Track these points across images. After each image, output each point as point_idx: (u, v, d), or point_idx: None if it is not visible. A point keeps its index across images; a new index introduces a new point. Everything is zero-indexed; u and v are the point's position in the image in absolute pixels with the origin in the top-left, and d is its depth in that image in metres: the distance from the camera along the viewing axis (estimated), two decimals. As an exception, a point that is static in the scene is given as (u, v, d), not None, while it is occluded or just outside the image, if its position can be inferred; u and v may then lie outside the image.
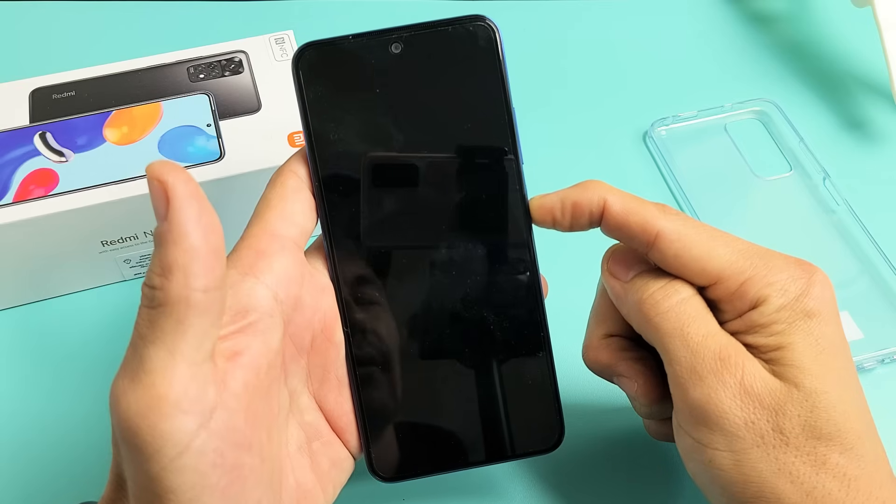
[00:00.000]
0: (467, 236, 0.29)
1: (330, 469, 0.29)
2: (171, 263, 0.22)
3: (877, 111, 0.49)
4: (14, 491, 0.35)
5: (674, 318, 0.27)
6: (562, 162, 0.46)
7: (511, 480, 0.35)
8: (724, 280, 0.27)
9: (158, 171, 0.22)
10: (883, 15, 0.46)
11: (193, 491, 0.22)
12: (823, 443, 0.26)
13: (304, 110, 0.28)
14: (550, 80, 0.50)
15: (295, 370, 0.28)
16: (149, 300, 0.23)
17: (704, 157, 0.46)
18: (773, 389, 0.26)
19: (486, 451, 0.30)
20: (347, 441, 0.29)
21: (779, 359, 0.27)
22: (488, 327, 0.29)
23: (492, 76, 0.28)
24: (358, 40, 0.28)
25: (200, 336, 0.22)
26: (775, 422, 0.26)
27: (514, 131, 0.29)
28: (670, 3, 0.55)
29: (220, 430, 0.23)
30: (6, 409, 0.37)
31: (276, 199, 0.28)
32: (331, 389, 0.29)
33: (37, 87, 0.41)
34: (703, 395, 0.26)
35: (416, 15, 0.29)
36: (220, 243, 0.23)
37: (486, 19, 0.28)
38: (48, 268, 0.39)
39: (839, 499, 0.25)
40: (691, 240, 0.27)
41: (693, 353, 0.27)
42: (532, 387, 0.30)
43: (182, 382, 0.22)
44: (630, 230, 0.28)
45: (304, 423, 0.28)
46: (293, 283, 0.27)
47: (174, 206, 0.22)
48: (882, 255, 0.41)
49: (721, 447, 0.26)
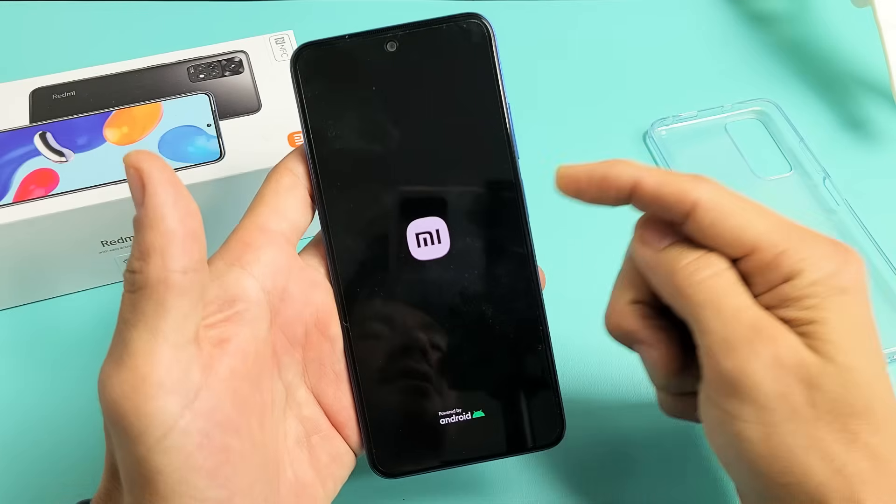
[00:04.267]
0: (465, 231, 0.29)
1: (329, 464, 0.29)
2: (149, 246, 0.23)
3: (877, 111, 0.49)
4: (14, 490, 0.35)
5: (707, 290, 0.27)
6: (562, 161, 0.46)
7: (512, 476, 0.35)
8: (759, 251, 0.27)
9: (135, 159, 0.23)
10: (883, 15, 0.46)
11: (180, 472, 0.22)
12: (855, 420, 0.25)
13: (303, 109, 0.29)
14: (550, 80, 0.50)
15: (289, 363, 0.28)
16: (130, 284, 0.23)
17: (704, 157, 0.46)
18: (808, 363, 0.25)
19: (488, 446, 0.30)
20: (348, 436, 0.29)
21: (813, 332, 0.26)
22: (487, 322, 0.29)
23: (486, 72, 0.29)
24: (354, 40, 0.29)
25: (181, 317, 0.23)
26: (808, 395, 0.25)
27: (510, 126, 0.29)
28: (670, 3, 0.55)
29: (205, 411, 0.23)
30: (6, 409, 0.37)
31: (270, 194, 0.28)
32: (329, 384, 0.29)
33: (37, 87, 0.41)
34: (736, 365, 0.26)
35: (415, 14, 0.29)
36: (197, 227, 0.24)
37: (480, 17, 0.29)
38: (48, 268, 0.39)
39: (869, 479, 0.25)
40: (728, 209, 0.27)
41: (726, 324, 0.26)
42: (533, 382, 0.30)
43: (165, 363, 0.22)
44: (666, 202, 0.27)
45: (303, 417, 0.29)
46: (280, 274, 0.27)
47: (149, 191, 0.23)
48: (882, 255, 0.41)
49: (751, 419, 0.25)
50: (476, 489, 0.35)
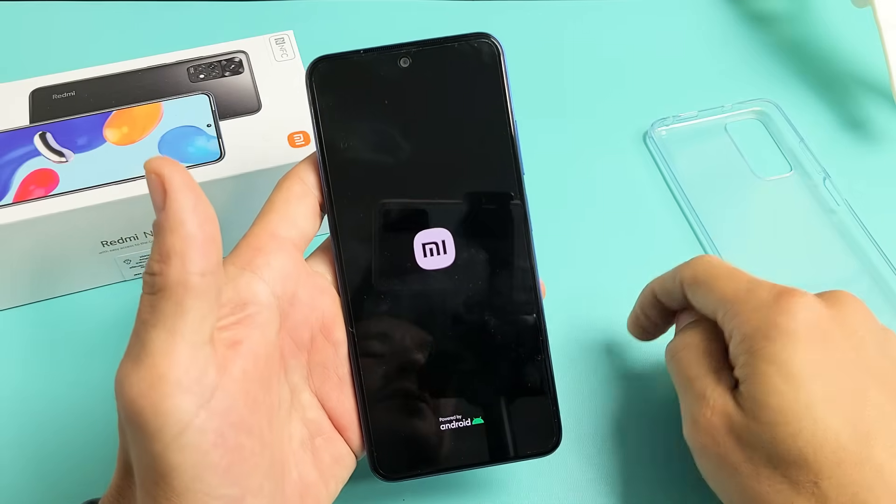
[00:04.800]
0: (470, 243, 0.30)
1: (332, 465, 0.29)
2: (170, 249, 0.23)
3: (877, 111, 0.49)
4: (15, 489, 0.35)
5: (677, 363, 0.31)
6: (562, 162, 0.46)
7: (511, 481, 0.35)
8: (715, 318, 0.30)
9: (156, 165, 0.24)
10: (883, 15, 0.46)
11: (195, 469, 0.23)
12: (794, 470, 0.27)
13: (316, 119, 0.29)
14: (550, 80, 0.50)
15: (295, 366, 0.29)
16: (149, 287, 0.24)
17: (704, 157, 0.46)
18: (736, 423, 0.28)
19: (486, 452, 0.30)
20: (350, 439, 0.30)
21: (742, 391, 0.28)
22: (489, 331, 0.30)
23: (495, 90, 0.30)
24: (368, 54, 0.29)
25: (199, 319, 0.23)
26: (745, 453, 0.28)
27: (516, 142, 0.30)
28: (670, 4, 0.55)
29: (220, 410, 0.23)
30: (6, 409, 0.37)
31: (281, 202, 0.29)
32: (332, 388, 0.29)
33: (37, 87, 0.41)
34: (688, 432, 0.30)
35: (417, 16, 0.29)
36: (215, 232, 0.24)
37: (491, 37, 0.30)
38: (48, 268, 0.39)
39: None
40: (702, 279, 0.31)
41: (685, 395, 0.31)
42: (531, 390, 0.30)
43: (183, 362, 0.23)
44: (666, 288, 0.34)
45: (307, 419, 0.29)
46: (289, 279, 0.28)
47: (171, 196, 0.23)
48: (882, 255, 0.41)
49: (713, 477, 0.30)
50: (476, 490, 0.35)
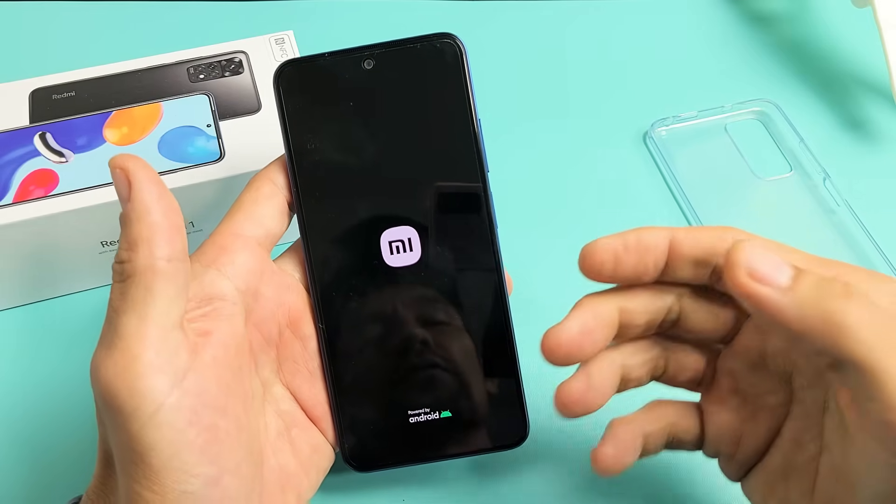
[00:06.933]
0: (436, 240, 0.31)
1: (311, 455, 0.30)
2: (137, 237, 0.24)
3: (877, 111, 0.49)
4: (14, 488, 0.35)
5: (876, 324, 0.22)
6: (562, 162, 0.46)
7: (511, 477, 0.35)
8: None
9: (121, 161, 0.25)
10: (883, 15, 0.46)
11: (172, 447, 0.23)
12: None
13: (284, 122, 0.30)
14: (550, 80, 0.50)
15: (265, 360, 0.30)
16: (119, 275, 0.25)
17: (704, 157, 0.46)
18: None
19: (455, 445, 0.31)
20: (325, 430, 0.31)
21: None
22: (456, 326, 0.31)
23: (458, 89, 0.30)
24: (333, 57, 0.30)
25: (168, 303, 0.24)
26: None
27: (479, 140, 0.30)
28: (670, 4, 0.55)
29: (193, 389, 0.24)
30: (6, 409, 0.37)
31: (248, 202, 0.30)
32: (304, 381, 0.31)
33: (37, 88, 0.41)
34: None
35: (417, 16, 0.29)
36: (179, 221, 0.25)
37: (454, 37, 0.30)
38: (48, 268, 0.39)
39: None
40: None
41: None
42: (498, 384, 0.31)
43: (154, 344, 0.24)
44: (705, 247, 0.26)
45: (281, 411, 0.30)
46: (252, 276, 0.29)
47: (136, 188, 0.25)
48: (882, 255, 0.41)
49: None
50: (476, 489, 0.35)
